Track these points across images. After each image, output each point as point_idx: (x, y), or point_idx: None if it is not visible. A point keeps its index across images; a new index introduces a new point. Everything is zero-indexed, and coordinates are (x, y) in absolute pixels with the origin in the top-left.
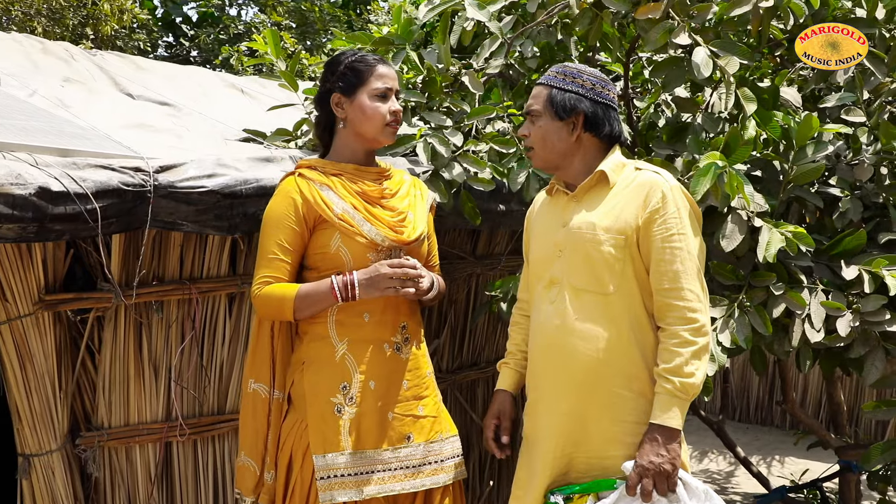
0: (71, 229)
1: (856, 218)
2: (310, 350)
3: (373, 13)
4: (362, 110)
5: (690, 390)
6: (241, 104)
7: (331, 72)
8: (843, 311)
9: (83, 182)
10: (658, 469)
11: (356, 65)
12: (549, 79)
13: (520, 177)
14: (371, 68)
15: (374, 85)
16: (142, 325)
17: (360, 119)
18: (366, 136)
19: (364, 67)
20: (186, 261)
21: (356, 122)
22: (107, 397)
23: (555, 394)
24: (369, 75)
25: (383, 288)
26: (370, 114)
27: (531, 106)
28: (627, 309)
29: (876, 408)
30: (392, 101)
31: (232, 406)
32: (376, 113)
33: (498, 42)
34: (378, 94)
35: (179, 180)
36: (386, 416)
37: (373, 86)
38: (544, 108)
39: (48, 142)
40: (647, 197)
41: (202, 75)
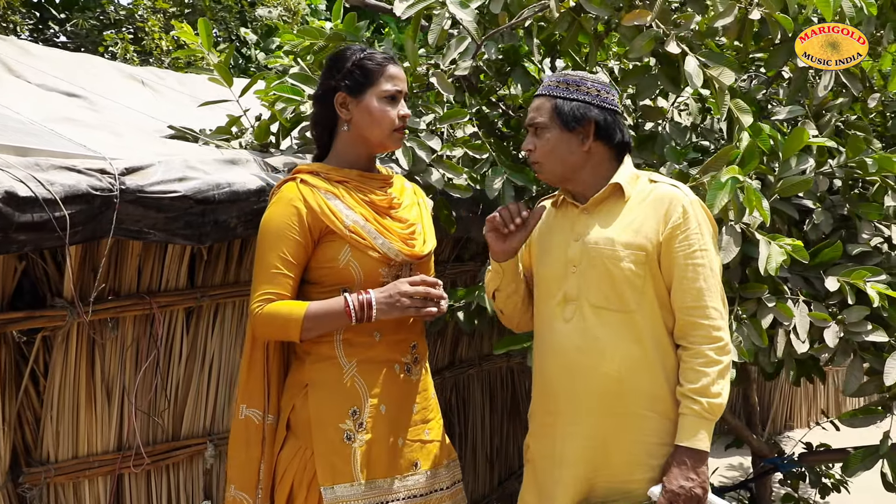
0: (35, 239)
1: (827, 230)
2: (314, 372)
3: (265, 1)
4: (370, 113)
5: (717, 411)
6: (145, 97)
7: (336, 68)
8: (829, 323)
9: (51, 186)
10: (689, 494)
11: (365, 63)
12: (551, 89)
13: (495, 183)
14: (382, 68)
15: (383, 86)
16: (94, 344)
17: (367, 122)
18: (371, 141)
19: (374, 66)
20: (145, 273)
21: (362, 124)
22: (54, 427)
23: (574, 416)
24: (379, 75)
25: (404, 308)
26: (378, 117)
27: (535, 119)
28: (650, 327)
29: (853, 416)
30: (401, 105)
31: (188, 431)
32: (385, 117)
33: (466, 42)
34: (387, 96)
35: (148, 184)
36: (396, 442)
37: (382, 87)
38: (551, 119)
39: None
40: (667, 212)
41: (94, 64)
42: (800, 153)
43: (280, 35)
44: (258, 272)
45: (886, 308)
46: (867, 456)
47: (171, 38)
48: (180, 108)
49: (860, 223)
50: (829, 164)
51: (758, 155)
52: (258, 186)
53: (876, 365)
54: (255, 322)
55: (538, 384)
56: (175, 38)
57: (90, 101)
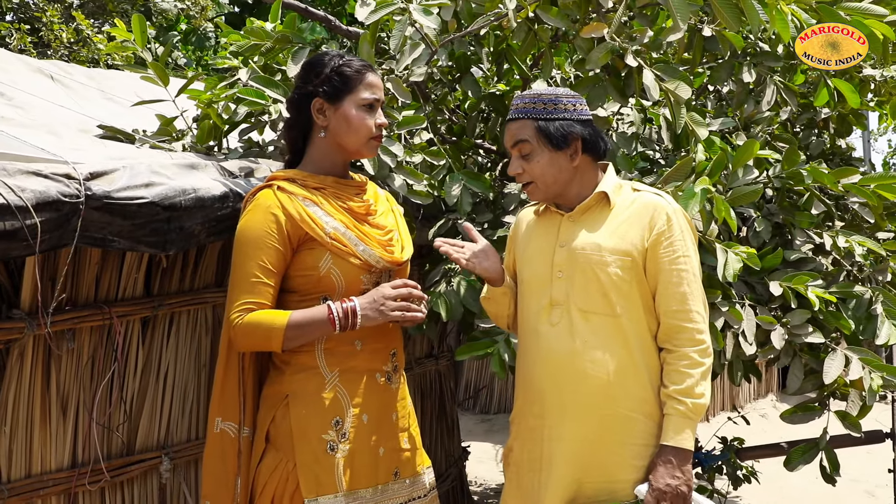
0: (4, 248)
1: (767, 237)
2: (294, 382)
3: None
4: (347, 120)
5: (700, 411)
6: (57, 92)
7: (314, 73)
8: (774, 326)
9: (22, 192)
10: (675, 492)
11: (344, 69)
12: (528, 111)
13: (454, 189)
14: (360, 75)
15: (362, 94)
16: (51, 357)
17: (344, 130)
18: (347, 148)
19: (352, 74)
20: (102, 282)
21: (339, 132)
22: (6, 445)
23: (562, 418)
24: (358, 83)
25: (389, 312)
26: (356, 125)
27: (520, 142)
28: (635, 331)
29: (793, 413)
30: (379, 114)
31: (142, 445)
32: (362, 125)
33: (420, 49)
34: (365, 104)
35: (115, 190)
36: (377, 451)
37: (361, 95)
38: (537, 142)
39: None
40: (651, 219)
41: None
42: (746, 165)
43: (229, 37)
44: (236, 281)
45: (823, 311)
46: (807, 450)
47: (71, 30)
48: (95, 105)
49: (794, 230)
50: (765, 175)
51: (721, 167)
52: (222, 192)
53: (814, 365)
54: (234, 333)
55: (522, 387)
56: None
57: (7, 96)
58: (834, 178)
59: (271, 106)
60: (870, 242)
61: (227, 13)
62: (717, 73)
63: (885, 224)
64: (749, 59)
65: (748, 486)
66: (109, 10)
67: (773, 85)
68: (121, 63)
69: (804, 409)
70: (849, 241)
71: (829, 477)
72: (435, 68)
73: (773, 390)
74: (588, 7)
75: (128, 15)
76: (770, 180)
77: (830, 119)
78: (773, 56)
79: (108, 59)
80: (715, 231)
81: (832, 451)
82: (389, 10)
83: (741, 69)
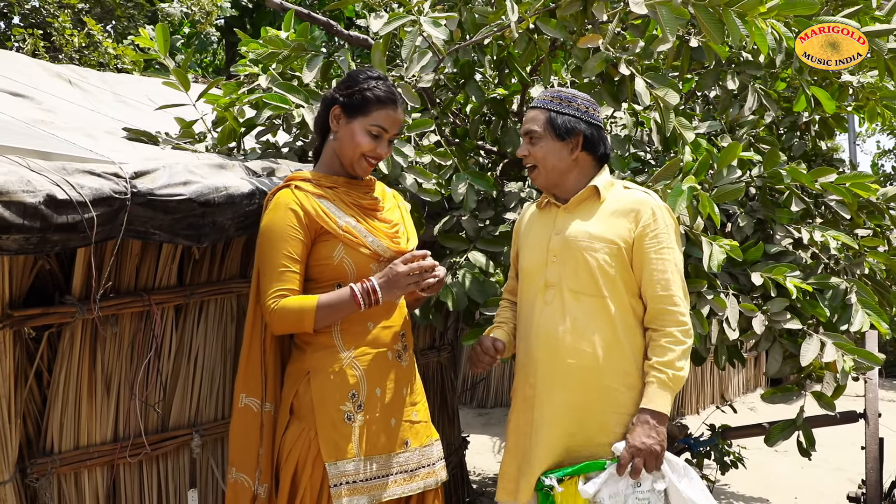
0: (65, 240)
1: (749, 232)
2: (315, 359)
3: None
4: (351, 136)
5: (679, 382)
6: (76, 96)
7: (347, 83)
8: (755, 313)
9: (81, 189)
10: (650, 449)
11: (367, 93)
12: (545, 103)
13: (460, 188)
14: (380, 105)
15: (372, 122)
16: (97, 340)
17: (346, 142)
18: (343, 159)
19: (373, 100)
20: (142, 272)
21: (342, 142)
22: (58, 419)
23: (553, 386)
24: (374, 110)
25: (404, 286)
26: (356, 143)
27: (530, 128)
28: (620, 311)
29: (773, 395)
30: (381, 143)
31: (176, 422)
32: (361, 143)
33: (428, 57)
34: (372, 132)
35: (158, 187)
36: (389, 422)
37: (371, 122)
38: (545, 130)
39: (18, 142)
40: (638, 213)
41: (19, 61)
42: (729, 165)
43: (249, 45)
44: (267, 272)
45: (801, 300)
46: (785, 428)
47: (83, 35)
48: (110, 108)
49: (774, 226)
50: (748, 174)
51: (707, 167)
52: (249, 190)
53: (792, 349)
54: (270, 318)
55: (521, 361)
56: (88, 34)
57: (37, 101)
58: (811, 178)
59: (294, 110)
60: (843, 237)
61: (227, 17)
62: (704, 80)
63: (861, 221)
64: (733, 68)
65: (736, 475)
66: (117, 14)
67: (754, 92)
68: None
69: (783, 390)
70: (824, 235)
71: (805, 451)
72: (441, 75)
73: (760, 385)
74: (584, 19)
75: (135, 19)
76: (752, 179)
77: (812, 122)
78: (755, 65)
79: (117, 63)
80: (701, 225)
81: (808, 429)
82: (402, 22)
83: (726, 77)
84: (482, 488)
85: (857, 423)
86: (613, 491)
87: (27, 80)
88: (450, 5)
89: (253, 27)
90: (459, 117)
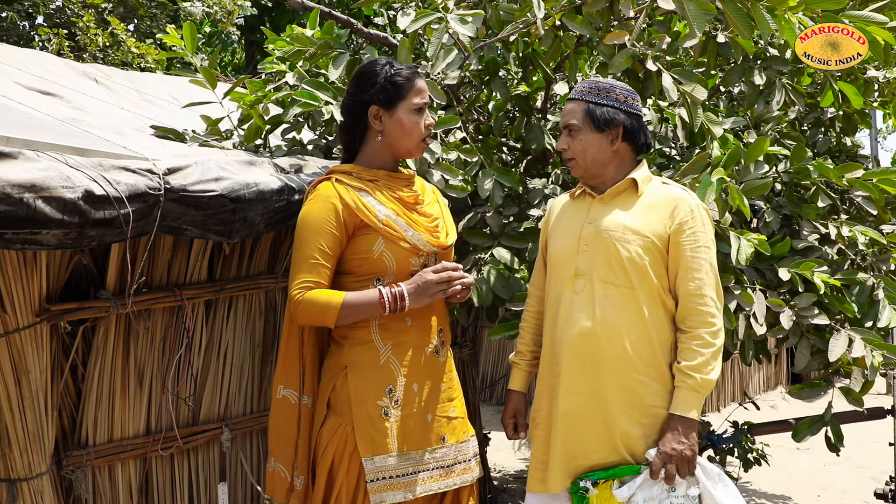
0: (101, 235)
1: (776, 228)
2: (352, 354)
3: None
4: (401, 125)
5: (708, 386)
6: (102, 94)
7: (368, 83)
8: (783, 308)
9: (118, 185)
10: (680, 455)
11: (395, 79)
12: (584, 94)
13: (486, 184)
14: (410, 83)
15: (413, 100)
16: (130, 334)
17: (399, 133)
18: (400, 150)
19: (403, 82)
20: (173, 268)
21: (394, 135)
22: (92, 413)
23: (580, 377)
24: (409, 90)
25: (432, 294)
26: (409, 129)
27: (569, 121)
28: (649, 304)
29: (801, 390)
30: (426, 115)
31: (206, 416)
32: (415, 129)
33: (454, 54)
34: (416, 108)
35: (190, 183)
36: (426, 417)
37: (412, 101)
38: (583, 122)
39: (55, 139)
40: (675, 209)
41: (48, 60)
42: (756, 160)
43: (276, 43)
44: (298, 262)
45: (828, 295)
46: (813, 423)
47: (107, 34)
48: (135, 106)
49: (801, 221)
50: (774, 170)
51: (735, 159)
52: (279, 186)
53: (819, 345)
54: (294, 308)
55: (547, 352)
56: (112, 33)
57: (66, 99)
58: (838, 173)
59: (324, 107)
60: (872, 232)
61: (247, 15)
62: (730, 76)
63: (887, 217)
64: (760, 63)
65: (758, 472)
66: (140, 14)
67: (781, 87)
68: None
69: (811, 385)
70: (852, 230)
71: (833, 447)
72: (467, 72)
73: (782, 382)
74: (610, 16)
75: (157, 19)
76: (779, 175)
77: (836, 118)
78: (782, 60)
79: (140, 62)
80: (728, 220)
81: (836, 425)
82: (429, 19)
83: (752, 72)
84: (503, 485)
85: (881, 420)
86: (648, 495)
87: (55, 79)
88: (475, 2)
89: (272, 26)
90: (483, 114)
